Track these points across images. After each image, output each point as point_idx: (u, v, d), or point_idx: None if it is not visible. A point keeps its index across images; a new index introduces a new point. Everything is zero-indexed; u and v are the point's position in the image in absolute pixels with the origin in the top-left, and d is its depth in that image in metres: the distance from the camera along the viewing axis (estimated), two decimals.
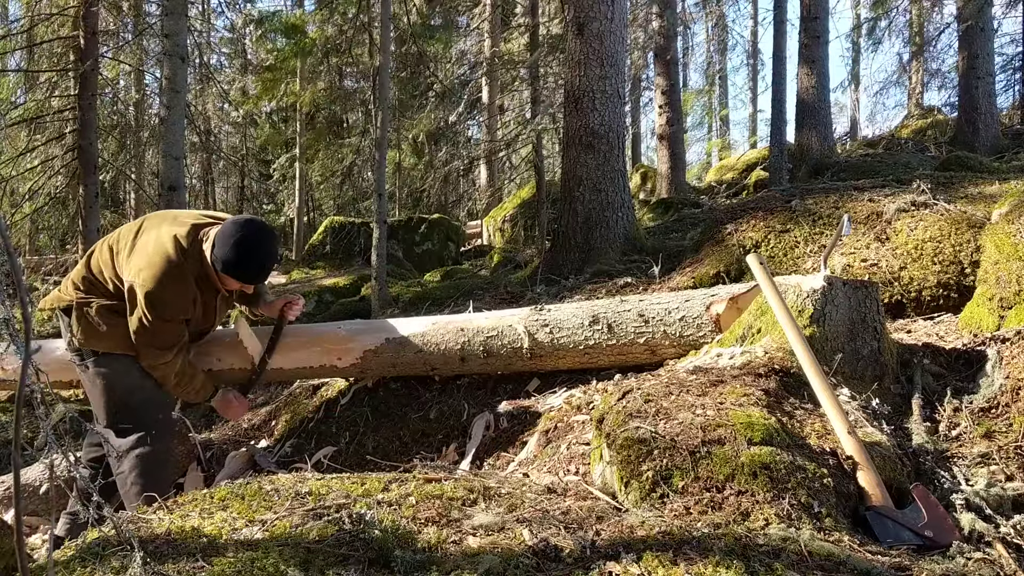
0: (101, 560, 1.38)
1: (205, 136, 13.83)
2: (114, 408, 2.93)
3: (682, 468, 1.85)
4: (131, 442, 2.88)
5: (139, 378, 2.96)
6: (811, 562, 1.48)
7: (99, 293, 2.93)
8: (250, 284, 3.04)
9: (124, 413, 2.93)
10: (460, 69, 13.79)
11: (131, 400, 2.93)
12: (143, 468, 2.86)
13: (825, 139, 9.95)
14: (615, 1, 5.49)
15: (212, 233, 2.87)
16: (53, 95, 10.07)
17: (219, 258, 2.81)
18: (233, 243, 2.79)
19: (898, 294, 3.73)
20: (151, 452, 2.89)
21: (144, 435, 2.89)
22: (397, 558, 1.40)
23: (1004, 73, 12.79)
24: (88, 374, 2.95)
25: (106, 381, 2.92)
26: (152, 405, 2.97)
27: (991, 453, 2.22)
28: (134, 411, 2.93)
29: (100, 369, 2.92)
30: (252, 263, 2.86)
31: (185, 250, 2.84)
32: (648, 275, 4.74)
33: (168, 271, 2.79)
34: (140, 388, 2.95)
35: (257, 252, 2.84)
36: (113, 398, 2.93)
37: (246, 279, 2.94)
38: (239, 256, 2.80)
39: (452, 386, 3.64)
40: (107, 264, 2.95)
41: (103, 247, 3.01)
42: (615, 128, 5.59)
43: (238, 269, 2.84)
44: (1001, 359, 2.58)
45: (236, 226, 2.83)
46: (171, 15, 7.02)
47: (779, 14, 9.80)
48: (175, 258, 2.81)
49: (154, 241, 2.87)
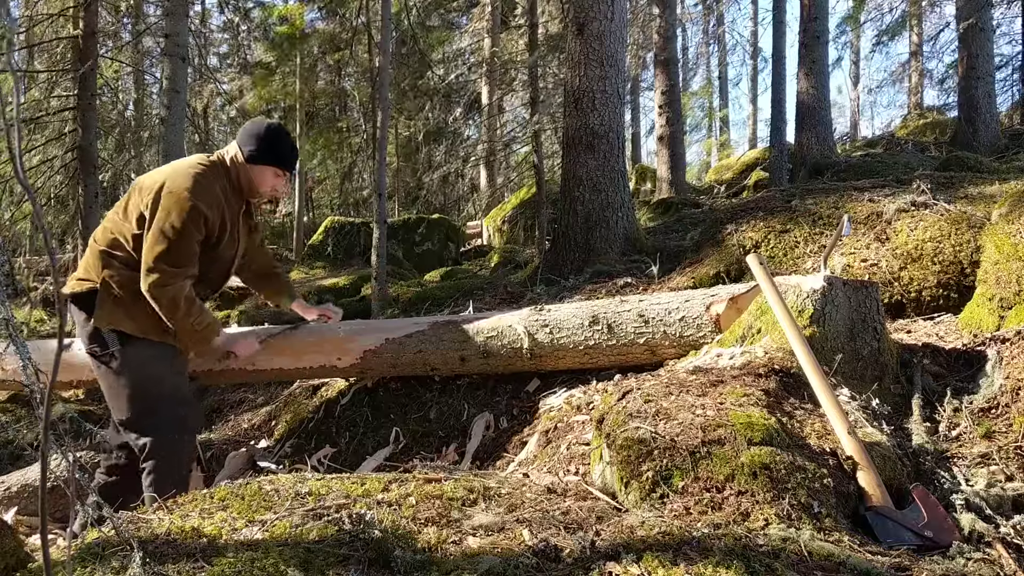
0: (101, 560, 1.38)
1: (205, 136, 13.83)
2: (139, 402, 2.82)
3: (682, 468, 1.85)
4: (153, 440, 2.79)
5: (166, 369, 2.88)
6: (811, 562, 1.48)
7: (120, 263, 2.82)
8: (286, 168, 3.02)
9: (148, 405, 2.82)
10: (459, 69, 13.79)
11: (156, 391, 2.84)
12: (164, 468, 2.78)
13: (825, 139, 9.94)
14: (615, 1, 5.49)
15: (227, 148, 3.00)
16: (52, 95, 10.07)
17: (251, 149, 2.91)
18: (263, 133, 2.94)
19: (898, 294, 3.73)
20: (172, 452, 2.82)
21: (168, 432, 2.81)
22: (397, 558, 1.40)
23: (1004, 73, 12.79)
24: (111, 366, 2.82)
25: (131, 370, 2.81)
26: (176, 400, 2.88)
27: (991, 453, 2.22)
28: (158, 404, 2.83)
29: (126, 358, 2.80)
30: (284, 144, 2.98)
31: (205, 164, 2.88)
32: (648, 275, 4.74)
33: (195, 175, 2.79)
34: (165, 380, 2.86)
35: (286, 136, 3.00)
36: (139, 391, 2.82)
37: (282, 161, 2.98)
38: (271, 141, 2.93)
39: (452, 386, 3.64)
40: (121, 224, 2.85)
41: (109, 219, 2.94)
42: (615, 128, 5.59)
43: (272, 153, 2.93)
44: (1001, 359, 2.58)
45: (256, 123, 3.00)
46: (172, 15, 7.02)
47: (778, 14, 9.81)
48: (199, 166, 2.85)
49: (166, 169, 2.89)
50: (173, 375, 2.92)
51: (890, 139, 12.65)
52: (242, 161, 2.93)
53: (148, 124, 14.33)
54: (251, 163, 2.92)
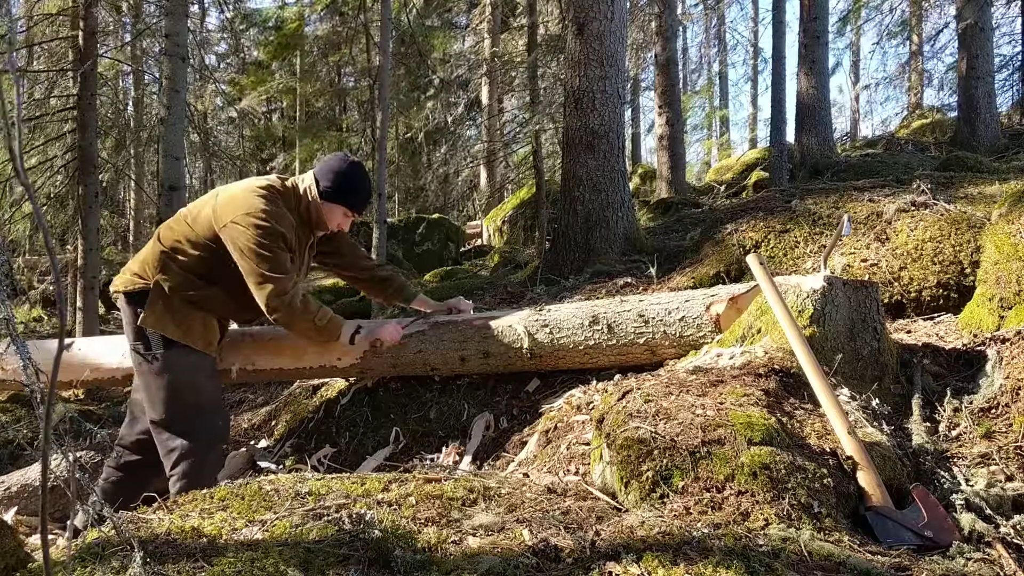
0: (101, 560, 1.38)
1: (204, 136, 13.82)
2: (176, 407, 2.82)
3: (682, 468, 1.85)
4: (186, 445, 2.79)
5: (205, 379, 2.90)
6: (811, 562, 1.48)
7: (178, 267, 2.84)
8: (357, 212, 3.02)
9: (184, 412, 2.83)
10: (460, 69, 13.79)
11: (194, 399, 2.84)
12: (194, 475, 2.76)
13: (825, 139, 9.94)
14: (615, 1, 5.49)
15: (303, 176, 2.97)
16: (52, 95, 10.08)
17: (327, 186, 2.89)
18: (343, 172, 2.90)
19: (898, 294, 3.73)
20: (204, 460, 2.82)
21: (200, 440, 2.82)
22: (397, 558, 1.40)
23: (1003, 73, 12.79)
24: (152, 366, 2.83)
25: (172, 375, 2.82)
26: (212, 409, 2.90)
27: (991, 453, 2.22)
28: (195, 411, 2.84)
29: (168, 362, 2.82)
30: (362, 187, 2.96)
31: (278, 188, 2.88)
32: (648, 275, 4.74)
33: (267, 199, 2.80)
34: (203, 389, 2.88)
35: (364, 177, 2.97)
36: (176, 396, 2.82)
37: (355, 205, 2.97)
38: (349, 181, 2.90)
39: (452, 386, 3.64)
40: (188, 230, 2.87)
41: (177, 220, 2.95)
42: (615, 128, 5.59)
43: (346, 194, 2.91)
44: (1001, 359, 2.58)
45: (339, 159, 2.96)
46: (171, 15, 7.02)
47: (778, 15, 9.80)
48: (270, 190, 2.85)
49: (242, 188, 2.89)
50: (211, 385, 2.95)
51: (890, 139, 12.64)
52: (315, 195, 2.91)
53: (148, 124, 14.34)
54: (324, 199, 2.91)
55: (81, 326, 8.25)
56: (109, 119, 12.35)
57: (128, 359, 3.72)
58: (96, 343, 3.91)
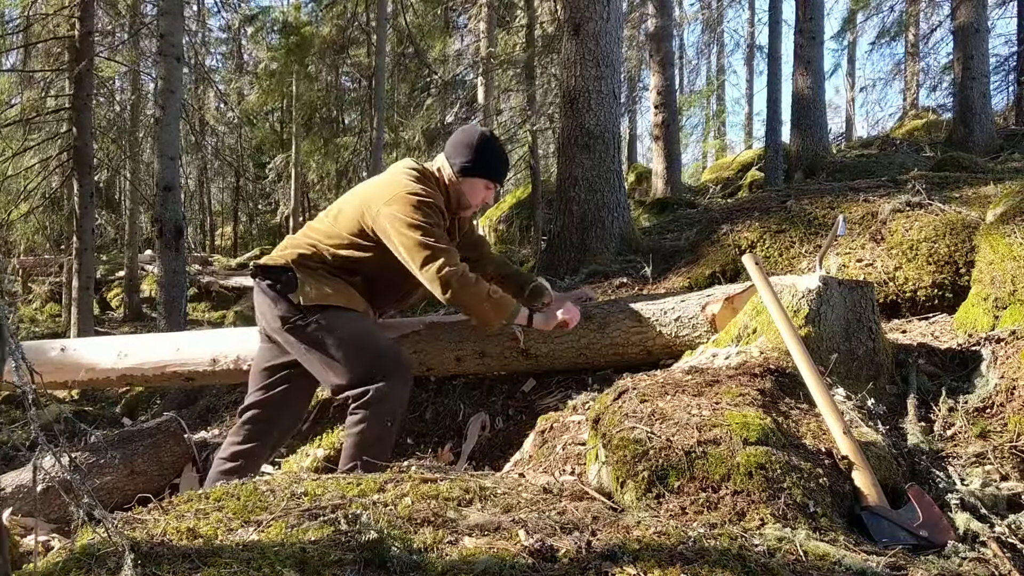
0: (97, 561, 1.37)
1: (201, 136, 13.81)
2: (352, 356, 2.71)
3: (678, 468, 1.85)
4: (376, 389, 2.66)
5: (370, 325, 2.84)
6: (806, 562, 1.49)
7: (319, 261, 2.80)
8: (499, 181, 2.97)
9: (370, 355, 2.72)
10: (457, 69, 13.78)
11: (372, 342, 2.76)
12: (378, 413, 2.66)
13: (820, 139, 9.95)
14: (611, 1, 5.49)
15: (431, 162, 2.92)
16: (48, 95, 10.06)
17: (464, 161, 2.83)
18: (477, 143, 2.83)
19: (893, 294, 3.73)
20: (394, 398, 2.69)
21: (392, 376, 2.69)
22: (393, 559, 1.40)
23: (999, 74, 12.81)
24: (312, 338, 2.73)
25: (337, 333, 2.72)
26: (387, 349, 2.78)
27: (986, 453, 2.23)
28: (371, 355, 2.73)
29: (329, 322, 2.73)
30: (499, 154, 2.90)
31: (423, 171, 2.82)
32: (644, 275, 4.74)
33: (418, 180, 2.75)
34: (371, 334, 2.80)
35: (499, 145, 2.92)
36: (348, 348, 2.72)
37: (496, 173, 2.91)
38: (485, 151, 2.84)
39: (447, 387, 3.64)
40: (330, 228, 2.84)
41: (319, 220, 2.94)
42: (611, 128, 5.59)
43: (486, 164, 2.85)
44: (996, 359, 2.59)
45: (467, 133, 2.88)
46: (167, 15, 7.01)
47: (774, 15, 9.83)
48: (419, 171, 2.80)
49: (388, 175, 2.86)
50: (379, 330, 2.89)
51: (885, 139, 12.66)
52: (451, 175, 2.85)
53: (144, 124, 14.31)
54: (463, 175, 2.84)
55: (76, 326, 8.24)
56: (106, 119, 12.33)
57: (123, 360, 3.72)
58: (91, 344, 3.90)
